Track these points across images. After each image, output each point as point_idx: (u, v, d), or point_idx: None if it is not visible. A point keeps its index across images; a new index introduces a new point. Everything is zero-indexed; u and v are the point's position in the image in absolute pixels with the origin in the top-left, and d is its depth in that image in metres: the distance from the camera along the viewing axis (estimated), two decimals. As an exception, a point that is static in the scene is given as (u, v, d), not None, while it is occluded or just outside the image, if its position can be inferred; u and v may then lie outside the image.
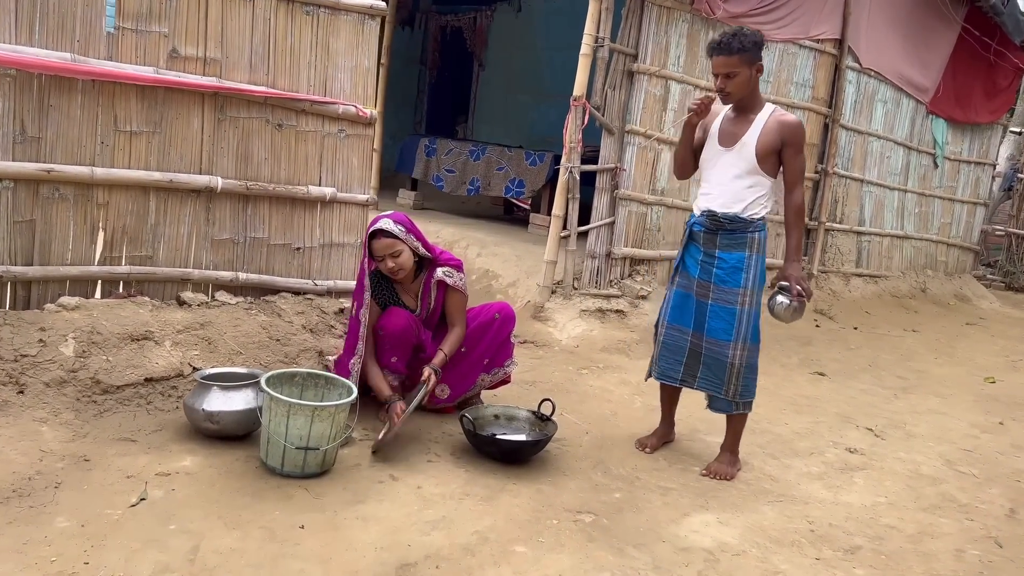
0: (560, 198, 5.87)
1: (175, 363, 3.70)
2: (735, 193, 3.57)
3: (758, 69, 3.50)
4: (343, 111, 4.41)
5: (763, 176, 3.55)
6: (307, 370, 3.50)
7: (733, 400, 3.70)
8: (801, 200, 3.59)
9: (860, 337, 7.06)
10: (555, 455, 3.75)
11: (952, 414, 5.18)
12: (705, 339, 3.69)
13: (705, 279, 3.67)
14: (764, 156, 3.51)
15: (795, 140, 3.51)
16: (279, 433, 3.14)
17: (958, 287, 9.91)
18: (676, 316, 3.79)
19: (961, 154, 9.81)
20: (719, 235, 3.62)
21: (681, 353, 3.78)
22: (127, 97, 3.70)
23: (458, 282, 3.85)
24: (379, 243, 3.63)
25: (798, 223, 3.61)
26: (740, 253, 3.59)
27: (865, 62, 7.87)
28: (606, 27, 5.75)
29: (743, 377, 3.67)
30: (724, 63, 3.45)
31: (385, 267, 3.66)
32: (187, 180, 3.94)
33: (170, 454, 3.25)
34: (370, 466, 3.39)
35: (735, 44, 3.42)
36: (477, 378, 3.98)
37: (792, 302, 3.57)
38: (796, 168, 3.55)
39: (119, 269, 3.85)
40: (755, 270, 3.60)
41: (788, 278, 3.58)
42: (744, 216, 3.56)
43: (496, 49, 11.30)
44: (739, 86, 3.48)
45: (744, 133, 3.54)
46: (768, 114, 3.53)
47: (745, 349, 3.64)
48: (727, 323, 3.62)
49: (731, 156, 3.57)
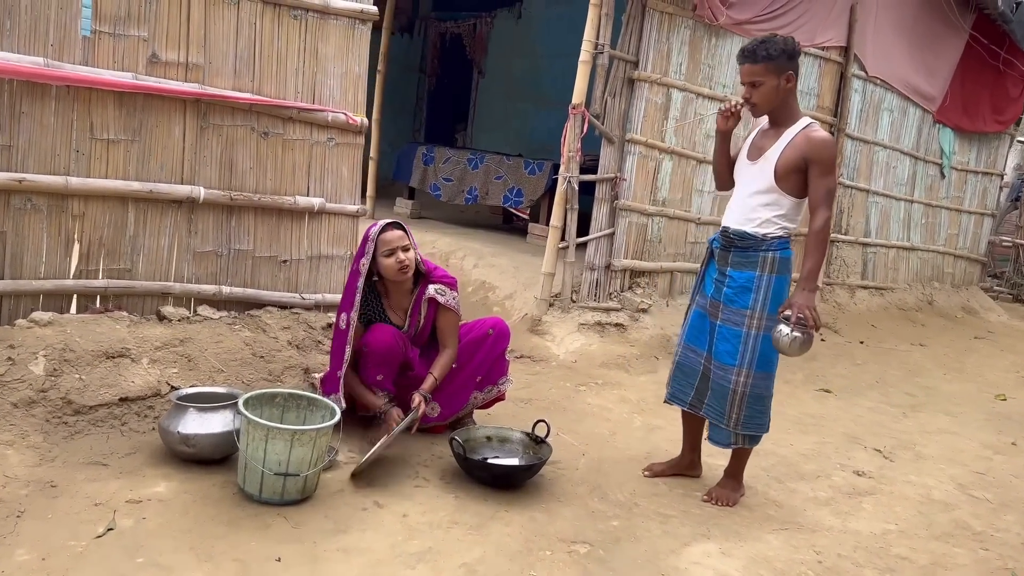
0: (558, 208, 5.71)
1: (152, 382, 3.53)
2: (749, 209, 3.38)
3: (788, 79, 3.25)
4: (332, 119, 4.25)
5: (782, 195, 3.30)
6: (288, 390, 3.34)
7: (734, 431, 3.47)
8: (823, 224, 3.27)
9: (866, 352, 6.88)
10: (550, 479, 3.58)
11: (963, 434, 5.00)
12: (713, 362, 3.50)
13: (716, 298, 3.48)
14: (784, 173, 3.26)
15: (821, 158, 3.23)
16: (257, 458, 2.98)
17: (965, 299, 9.73)
18: (693, 336, 3.60)
19: (968, 164, 9.64)
20: (731, 252, 3.43)
21: (694, 376, 3.59)
22: (104, 104, 3.55)
23: (451, 301, 3.69)
24: (392, 234, 3.50)
25: (817, 248, 3.30)
26: (750, 272, 3.37)
27: (871, 70, 7.71)
28: (606, 33, 5.60)
29: (746, 407, 3.43)
30: (749, 71, 3.26)
31: (396, 260, 3.49)
32: (168, 190, 3.78)
33: (143, 479, 3.09)
34: (354, 492, 3.23)
35: (761, 52, 3.23)
36: (469, 396, 3.82)
37: (794, 332, 3.21)
38: (820, 188, 3.25)
39: (96, 283, 3.68)
40: (766, 292, 3.35)
41: (792, 305, 3.24)
42: (753, 233, 3.35)
43: (496, 56, 11.16)
44: (765, 96, 3.27)
45: (770, 147, 3.33)
46: (799, 129, 3.28)
47: (750, 376, 3.40)
48: (732, 346, 3.41)
49: (753, 170, 3.38)
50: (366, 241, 3.53)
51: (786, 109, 3.33)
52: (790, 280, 3.43)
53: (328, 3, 4.13)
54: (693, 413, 3.65)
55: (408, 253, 3.53)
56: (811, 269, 3.29)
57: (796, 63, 3.30)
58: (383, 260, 3.51)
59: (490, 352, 3.82)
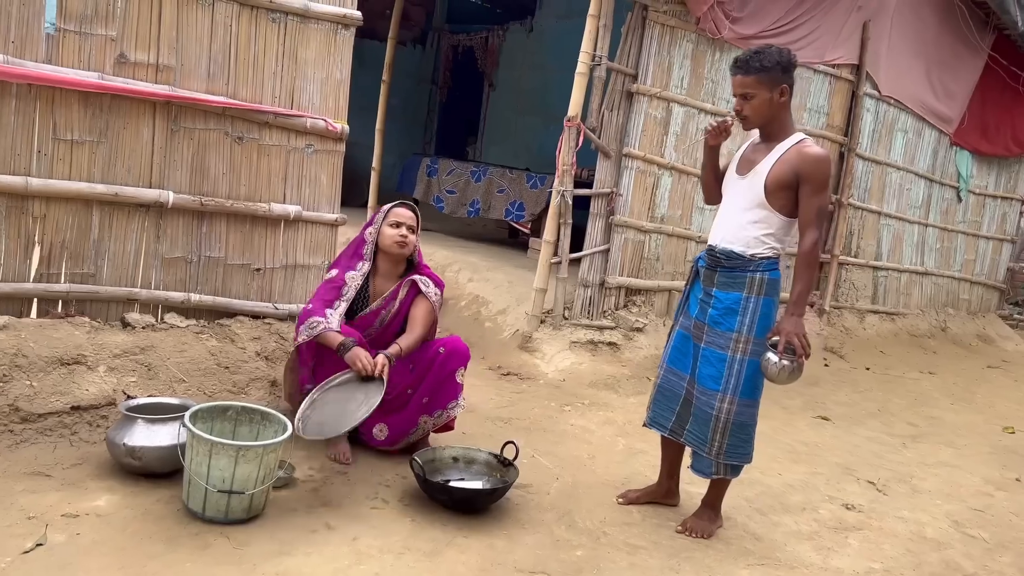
0: (552, 223, 5.57)
1: (107, 390, 3.42)
2: (736, 227, 3.21)
3: (782, 92, 3.11)
4: (311, 125, 4.14)
5: (772, 212, 3.14)
6: (241, 404, 3.21)
7: (716, 460, 3.30)
8: (812, 246, 3.09)
9: (871, 379, 6.65)
10: (517, 504, 3.42)
11: (965, 467, 4.77)
12: (696, 387, 3.32)
13: (701, 319, 3.31)
14: (775, 189, 3.10)
15: (814, 176, 3.06)
16: (200, 474, 2.85)
17: (981, 327, 9.45)
18: (675, 359, 3.43)
19: (987, 188, 9.39)
20: (718, 272, 3.26)
21: (675, 400, 3.42)
22: (68, 104, 3.45)
23: (432, 294, 3.62)
24: (404, 211, 3.62)
25: (806, 272, 3.13)
26: (737, 293, 3.20)
27: (884, 89, 7.52)
28: (603, 45, 5.46)
29: (730, 435, 3.26)
30: (740, 83, 3.12)
31: (398, 233, 3.55)
32: (134, 194, 3.68)
33: (85, 492, 2.96)
34: (306, 512, 3.08)
35: (754, 63, 3.09)
36: (418, 420, 3.64)
37: (782, 360, 3.05)
38: (811, 208, 3.08)
39: (57, 287, 3.58)
40: (753, 314, 3.18)
41: (780, 331, 3.08)
42: (741, 253, 3.18)
43: (507, 69, 11.07)
44: (756, 109, 3.12)
45: (760, 162, 3.16)
46: (791, 144, 3.12)
47: (734, 403, 3.22)
48: (716, 370, 3.23)
49: (742, 185, 3.21)
50: (377, 212, 3.63)
51: (779, 123, 3.17)
52: (778, 302, 3.26)
53: (309, 7, 4.03)
54: (673, 440, 3.48)
55: (413, 235, 3.60)
56: (800, 293, 3.12)
57: (791, 76, 3.15)
58: (386, 228, 3.56)
59: (438, 372, 3.62)
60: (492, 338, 5.87)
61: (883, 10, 7.14)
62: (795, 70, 3.18)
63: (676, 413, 3.42)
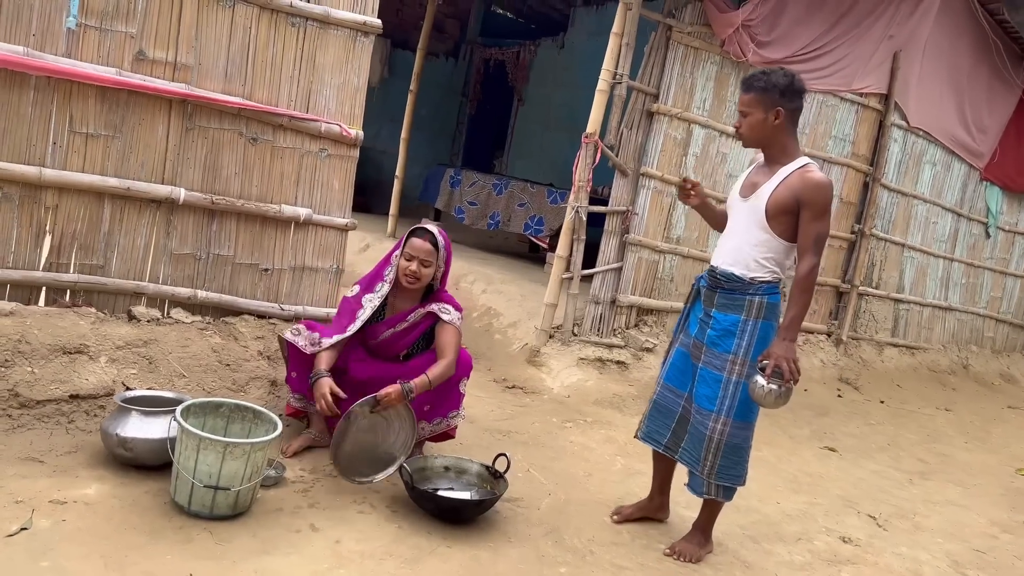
0: (565, 238, 5.56)
1: (107, 381, 3.46)
2: (737, 250, 3.22)
3: (776, 115, 3.11)
4: (325, 129, 4.18)
5: (773, 237, 3.15)
6: (235, 401, 3.23)
7: (707, 479, 3.28)
8: (809, 271, 3.08)
9: (884, 412, 6.55)
10: (506, 517, 3.40)
11: (972, 507, 4.68)
12: (692, 405, 3.33)
13: (700, 339, 3.32)
14: (775, 214, 3.11)
15: (815, 201, 3.05)
16: (188, 468, 2.87)
17: (1005, 366, 9.28)
18: (673, 376, 3.45)
19: (1017, 225, 9.24)
20: (717, 293, 3.28)
21: (671, 417, 3.43)
22: (85, 97, 3.52)
23: (454, 320, 3.56)
24: (421, 244, 3.48)
25: (801, 297, 3.11)
26: (735, 316, 3.21)
27: (914, 121, 7.43)
28: (626, 63, 5.46)
29: (722, 456, 3.25)
30: (741, 100, 3.18)
31: (408, 268, 3.47)
32: (146, 189, 3.73)
33: (75, 480, 3.00)
34: (292, 512, 3.09)
35: (755, 82, 3.13)
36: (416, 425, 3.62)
37: (769, 384, 3.03)
38: (810, 233, 3.08)
39: (66, 277, 3.64)
40: (751, 337, 3.19)
41: (770, 355, 3.07)
42: (741, 276, 3.19)
43: (536, 84, 11.11)
44: (750, 129, 3.16)
45: (762, 185, 3.17)
46: (794, 168, 3.12)
47: (728, 424, 3.22)
48: (712, 391, 3.24)
49: (744, 208, 3.23)
50: (405, 235, 3.56)
51: (780, 146, 3.18)
52: (777, 326, 3.24)
53: (329, 13, 4.07)
54: (666, 455, 3.49)
55: (426, 269, 3.49)
56: (794, 318, 3.10)
57: (790, 101, 3.12)
58: (401, 260, 3.50)
59: None
60: (501, 350, 5.87)
61: (915, 41, 7.07)
62: (800, 97, 3.16)
63: (672, 430, 3.43)
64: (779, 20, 5.99)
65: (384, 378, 3.48)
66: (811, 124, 6.65)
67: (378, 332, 3.63)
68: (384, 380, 3.42)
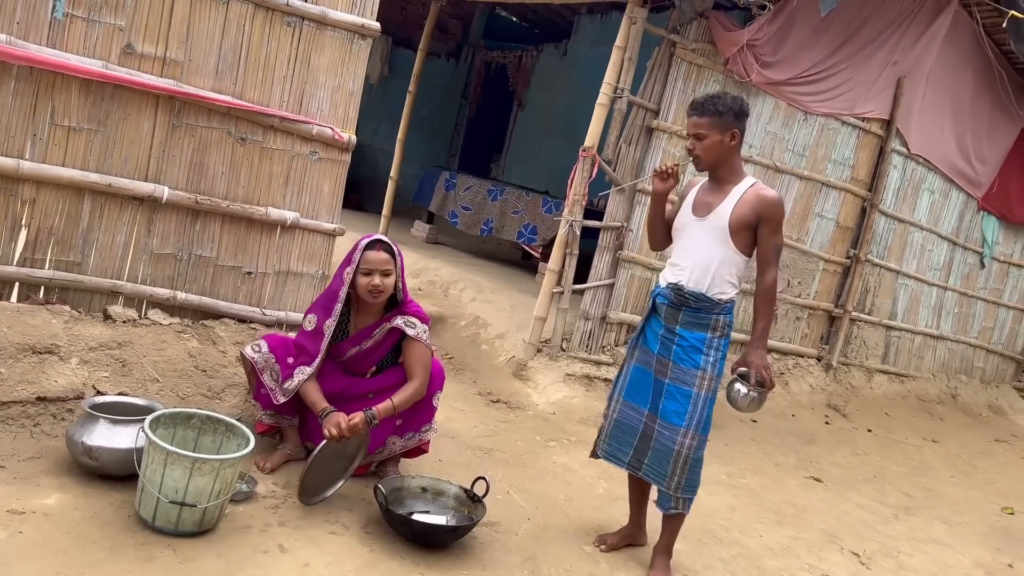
0: (558, 252, 5.47)
1: (77, 384, 3.35)
2: (704, 268, 3.26)
3: (732, 136, 3.21)
4: (317, 132, 4.08)
5: (736, 252, 3.24)
6: (206, 412, 3.12)
7: (673, 494, 3.31)
8: (772, 282, 3.27)
9: (871, 441, 6.47)
10: (482, 543, 3.31)
11: (956, 547, 4.60)
12: (659, 421, 3.33)
13: (664, 355, 3.35)
14: (737, 230, 3.21)
15: (772, 216, 3.21)
16: (153, 483, 2.77)
17: (994, 397, 9.22)
18: (632, 393, 3.46)
19: (1012, 256, 9.18)
20: (682, 311, 3.31)
21: (632, 434, 3.43)
22: (68, 89, 3.41)
23: (421, 334, 3.44)
24: (377, 255, 3.32)
25: (767, 307, 3.30)
26: (702, 333, 3.29)
27: (914, 148, 7.36)
28: (627, 78, 5.37)
29: (688, 470, 3.30)
30: (695, 124, 3.24)
31: (370, 283, 3.31)
32: (128, 186, 3.63)
33: (36, 488, 2.89)
34: (260, 531, 2.99)
35: (708, 106, 3.21)
36: (386, 439, 3.50)
37: (751, 392, 3.25)
38: (771, 246, 3.24)
39: (40, 272, 3.53)
40: (716, 353, 3.29)
41: (748, 364, 3.26)
42: (711, 296, 3.25)
43: (537, 90, 10.99)
44: (707, 151, 3.22)
45: (719, 204, 3.25)
46: (747, 186, 3.25)
47: (695, 438, 3.28)
48: (681, 406, 3.28)
49: (703, 227, 3.28)
50: (354, 250, 3.37)
51: (730, 166, 3.27)
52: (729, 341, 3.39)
53: (327, 14, 3.98)
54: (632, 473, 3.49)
55: (387, 279, 3.35)
56: (763, 328, 3.30)
57: (743, 123, 3.26)
58: (360, 277, 3.34)
59: None
60: (487, 361, 5.77)
61: (918, 68, 7.00)
62: (746, 118, 3.28)
63: (634, 447, 3.43)
64: (784, 41, 5.91)
65: (352, 393, 3.42)
66: (811, 147, 6.57)
67: (343, 350, 3.52)
68: (352, 395, 3.38)
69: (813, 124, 6.50)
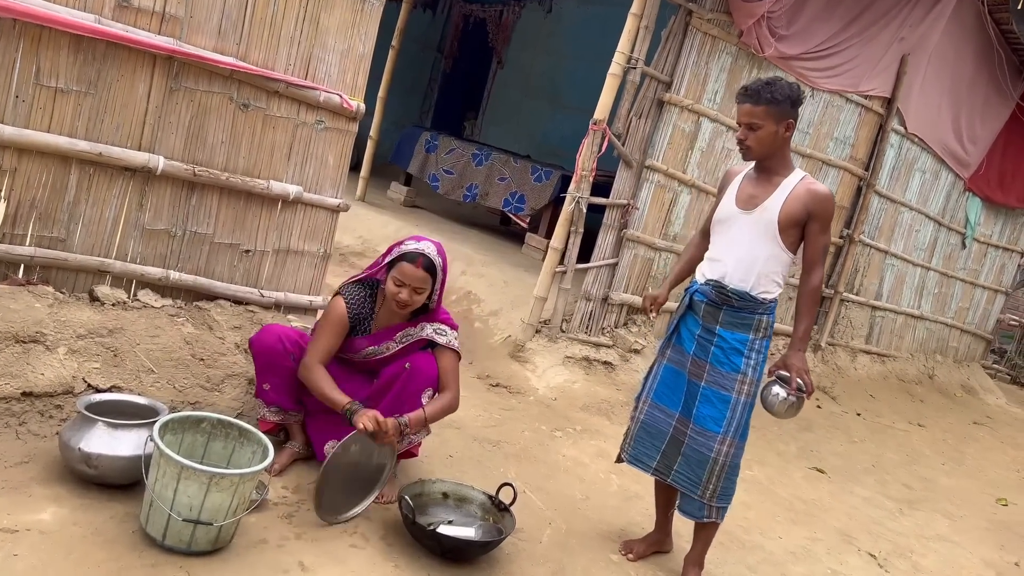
0: (561, 229, 5.21)
1: (66, 376, 3.02)
2: (749, 265, 3.05)
3: (787, 127, 2.99)
4: (325, 99, 3.74)
5: (783, 250, 3.04)
6: (217, 416, 2.83)
7: (708, 503, 3.13)
8: (820, 282, 3.10)
9: (863, 427, 6.43)
10: (508, 553, 3.10)
11: (963, 544, 4.55)
12: (692, 427, 3.13)
13: (701, 357, 3.13)
14: (786, 227, 3.01)
15: (823, 214, 3.02)
16: (164, 498, 2.48)
17: (966, 377, 9.31)
18: (663, 395, 3.24)
19: (991, 237, 9.20)
20: (723, 310, 3.09)
21: (661, 439, 3.23)
22: (57, 47, 3.01)
23: (451, 341, 3.19)
24: (414, 271, 3.01)
25: (811, 308, 3.11)
26: (744, 334, 3.08)
27: (911, 127, 7.24)
28: (642, 48, 5.09)
29: (724, 478, 3.12)
30: (749, 112, 2.97)
31: (398, 295, 3.01)
32: (120, 155, 3.25)
33: (28, 500, 2.58)
34: (277, 546, 2.73)
35: (765, 93, 2.94)
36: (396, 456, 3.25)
37: (791, 396, 3.05)
38: (819, 245, 3.06)
39: (21, 249, 3.15)
40: (757, 356, 3.09)
41: (790, 368, 3.06)
42: (755, 295, 3.05)
43: (518, 48, 10.61)
44: (761, 142, 2.98)
45: (767, 197, 3.03)
46: (797, 180, 3.04)
47: (733, 445, 3.10)
48: (719, 411, 3.08)
49: (748, 221, 3.06)
50: (398, 245, 3.10)
51: (780, 157, 3.06)
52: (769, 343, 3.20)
53: (338, -31, 3.61)
54: (660, 479, 3.31)
55: (418, 296, 3.05)
56: (806, 330, 3.11)
57: (797, 112, 3.02)
58: (390, 282, 3.05)
59: (402, 390, 3.13)
60: (481, 340, 5.53)
61: (923, 45, 6.84)
62: (801, 107, 3.05)
63: (662, 452, 3.24)
64: (799, 14, 5.67)
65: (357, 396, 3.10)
66: (815, 124, 6.39)
67: (358, 347, 3.22)
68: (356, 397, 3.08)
69: (819, 101, 6.31)
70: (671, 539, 3.50)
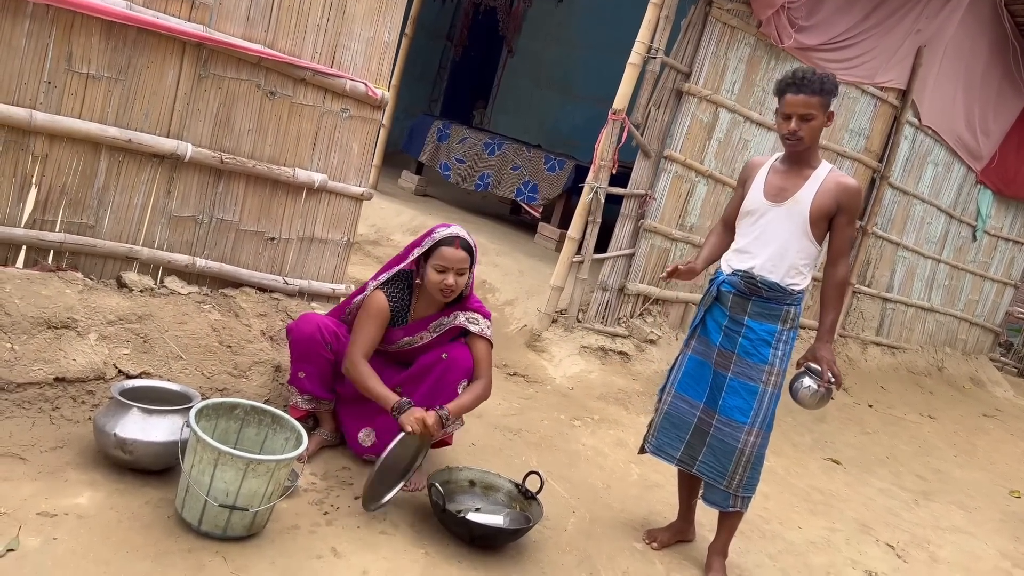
0: (579, 219, 5.22)
1: (97, 362, 3.03)
2: (779, 256, 3.06)
3: (830, 118, 3.01)
4: (350, 87, 3.75)
5: (811, 242, 3.05)
6: (251, 403, 2.84)
7: (734, 493, 3.15)
8: (846, 274, 3.14)
9: (876, 419, 6.45)
10: (535, 541, 3.12)
11: (979, 535, 4.58)
12: (718, 417, 3.14)
13: (728, 348, 3.14)
14: (817, 219, 3.01)
15: (852, 206, 3.03)
16: (201, 484, 2.50)
17: (974, 369, 9.33)
18: (687, 386, 3.25)
19: (1002, 230, 9.21)
20: (752, 301, 3.10)
21: (685, 429, 3.24)
22: (88, 33, 3.01)
23: (484, 330, 3.21)
24: (455, 253, 3.02)
25: (838, 299, 3.14)
26: (772, 325, 3.09)
27: (925, 119, 7.23)
28: (662, 38, 5.08)
29: (750, 468, 3.14)
30: (805, 103, 2.93)
31: (443, 281, 3.02)
32: (150, 142, 3.26)
33: (65, 484, 2.60)
34: (310, 532, 2.75)
35: (817, 85, 2.93)
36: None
37: (820, 388, 3.08)
38: (846, 237, 3.09)
39: (50, 236, 3.17)
40: (785, 347, 3.10)
41: (819, 360, 3.09)
42: (784, 286, 3.06)
43: (529, 37, 10.59)
44: (813, 132, 2.98)
45: (797, 189, 3.03)
46: (826, 172, 3.04)
47: (759, 436, 3.12)
48: (746, 402, 3.09)
49: (779, 213, 3.06)
50: (428, 235, 3.09)
51: (813, 149, 3.06)
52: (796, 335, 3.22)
53: (366, -44, 3.61)
54: (684, 470, 3.33)
55: (461, 278, 3.06)
56: (833, 321, 3.14)
57: None
58: (431, 272, 3.05)
59: (439, 381, 3.17)
60: (498, 329, 5.53)
61: (939, 37, 6.83)
62: None
63: (686, 442, 3.25)
64: (820, 5, 5.66)
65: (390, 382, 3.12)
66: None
67: (395, 337, 3.24)
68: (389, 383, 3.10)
69: (835, 92, 6.29)
70: (694, 528, 3.52)
